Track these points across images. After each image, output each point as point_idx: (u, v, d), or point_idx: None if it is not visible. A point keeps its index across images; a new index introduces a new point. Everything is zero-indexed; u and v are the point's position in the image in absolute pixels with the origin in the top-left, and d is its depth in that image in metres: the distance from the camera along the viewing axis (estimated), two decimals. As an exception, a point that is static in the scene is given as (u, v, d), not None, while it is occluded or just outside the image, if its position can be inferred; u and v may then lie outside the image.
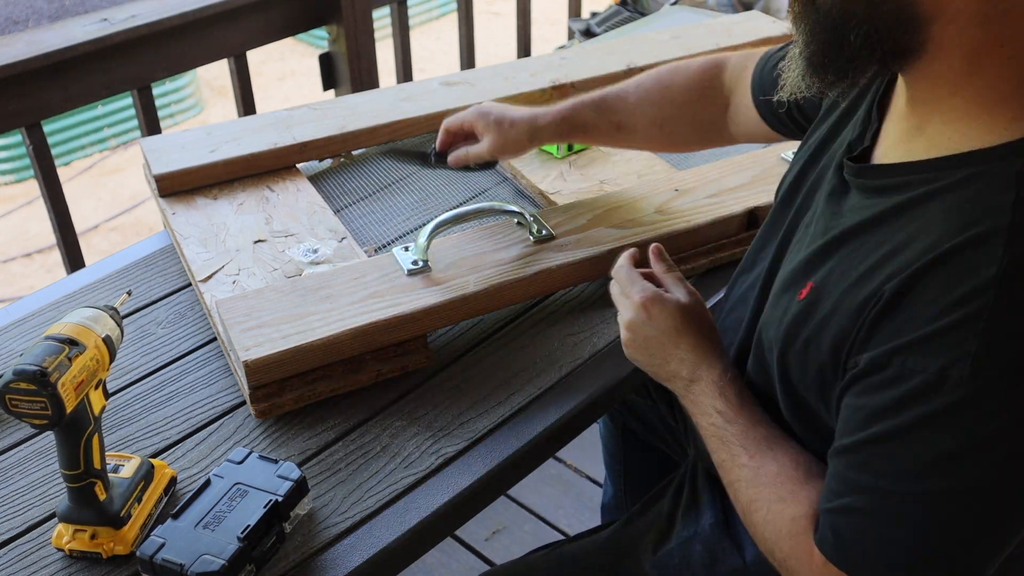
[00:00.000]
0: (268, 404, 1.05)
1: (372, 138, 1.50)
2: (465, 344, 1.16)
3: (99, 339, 0.88)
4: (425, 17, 6.04)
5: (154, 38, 1.97)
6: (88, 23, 1.90)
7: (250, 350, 1.02)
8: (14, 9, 3.87)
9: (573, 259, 1.18)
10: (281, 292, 1.12)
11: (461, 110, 1.52)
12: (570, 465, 2.17)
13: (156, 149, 1.42)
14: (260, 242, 1.27)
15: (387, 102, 1.55)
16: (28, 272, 3.85)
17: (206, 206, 1.35)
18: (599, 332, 1.18)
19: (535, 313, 1.21)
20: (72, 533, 0.91)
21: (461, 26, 2.73)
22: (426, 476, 0.99)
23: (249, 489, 0.92)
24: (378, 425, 1.05)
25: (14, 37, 1.83)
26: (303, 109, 1.53)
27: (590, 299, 1.23)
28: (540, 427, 1.05)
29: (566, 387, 1.10)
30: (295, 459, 1.01)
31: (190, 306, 1.24)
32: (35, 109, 1.86)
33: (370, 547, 0.93)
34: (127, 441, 1.04)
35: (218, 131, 1.46)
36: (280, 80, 5.41)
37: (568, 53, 1.75)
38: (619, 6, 2.73)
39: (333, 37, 2.36)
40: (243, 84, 2.22)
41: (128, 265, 1.32)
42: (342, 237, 1.27)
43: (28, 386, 0.81)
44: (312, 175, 1.48)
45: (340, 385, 1.08)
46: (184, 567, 0.85)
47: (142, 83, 2.02)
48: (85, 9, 3.54)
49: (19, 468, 1.02)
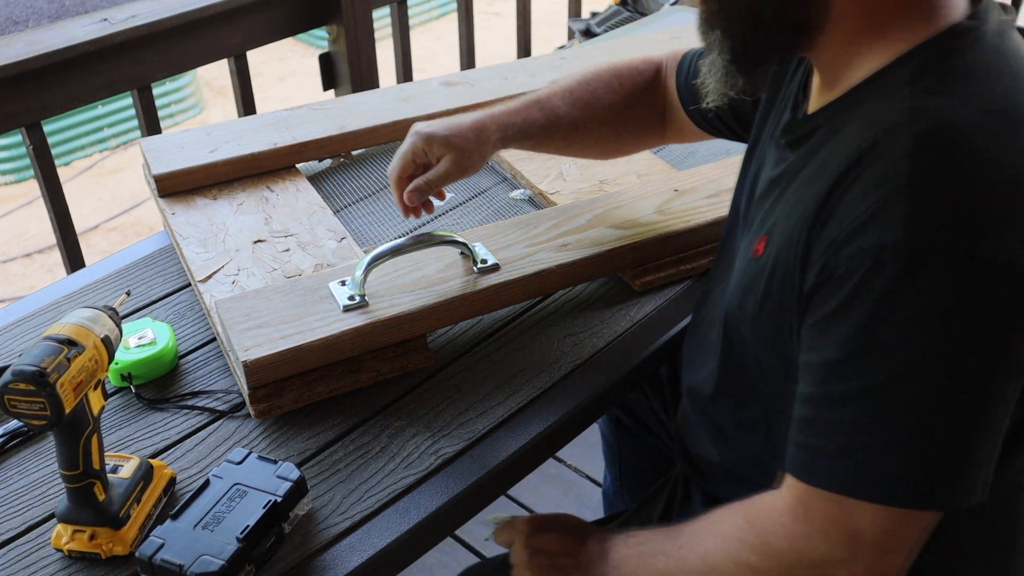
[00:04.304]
0: (267, 404, 1.04)
1: (372, 138, 1.50)
2: (465, 344, 1.16)
3: (98, 340, 0.88)
4: (425, 17, 6.04)
5: (154, 38, 1.97)
6: (88, 23, 1.90)
7: (249, 350, 1.02)
8: (14, 9, 3.87)
9: (573, 259, 1.18)
10: (280, 292, 1.11)
11: (460, 110, 1.52)
12: (570, 465, 2.16)
13: (156, 149, 1.42)
14: (260, 242, 1.27)
15: (387, 102, 1.55)
16: (28, 272, 3.85)
17: (206, 206, 1.35)
18: (599, 332, 1.18)
19: (535, 313, 1.21)
20: (71, 533, 0.91)
21: (461, 26, 2.73)
22: (426, 476, 0.99)
23: (248, 489, 0.92)
24: (378, 425, 1.05)
25: (14, 37, 1.83)
26: (303, 109, 1.53)
27: (590, 299, 1.23)
28: (540, 427, 1.05)
29: (566, 387, 1.10)
30: (294, 459, 1.01)
31: (190, 306, 1.24)
32: (35, 109, 1.85)
33: (370, 547, 0.92)
34: (126, 441, 1.04)
35: (218, 131, 1.46)
36: (280, 80, 5.41)
37: (568, 53, 1.75)
38: (619, 6, 2.73)
39: (333, 37, 2.36)
40: (243, 84, 2.22)
41: (128, 265, 1.32)
42: (342, 237, 1.27)
43: (27, 387, 0.81)
44: (312, 175, 1.48)
45: (340, 385, 1.08)
46: (183, 567, 0.84)
47: (142, 83, 2.02)
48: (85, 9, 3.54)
49: (18, 468, 1.02)
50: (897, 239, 0.71)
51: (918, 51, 0.78)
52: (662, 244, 1.23)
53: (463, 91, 1.58)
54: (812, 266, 0.78)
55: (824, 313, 0.77)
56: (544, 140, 1.20)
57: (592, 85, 1.20)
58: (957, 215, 0.71)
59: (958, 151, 0.72)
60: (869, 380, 0.74)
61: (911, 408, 0.73)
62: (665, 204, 1.28)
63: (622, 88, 1.21)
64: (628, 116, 1.23)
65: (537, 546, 1.01)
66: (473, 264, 1.16)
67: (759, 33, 0.82)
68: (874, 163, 0.74)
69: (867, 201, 0.73)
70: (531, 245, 1.20)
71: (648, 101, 1.23)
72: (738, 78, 0.86)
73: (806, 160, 0.85)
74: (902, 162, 0.72)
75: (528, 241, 1.21)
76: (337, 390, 1.08)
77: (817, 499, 0.78)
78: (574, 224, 1.24)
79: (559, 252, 1.19)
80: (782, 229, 0.84)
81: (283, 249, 1.26)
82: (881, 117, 0.76)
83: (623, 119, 1.22)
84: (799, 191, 0.83)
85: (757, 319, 0.89)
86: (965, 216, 0.71)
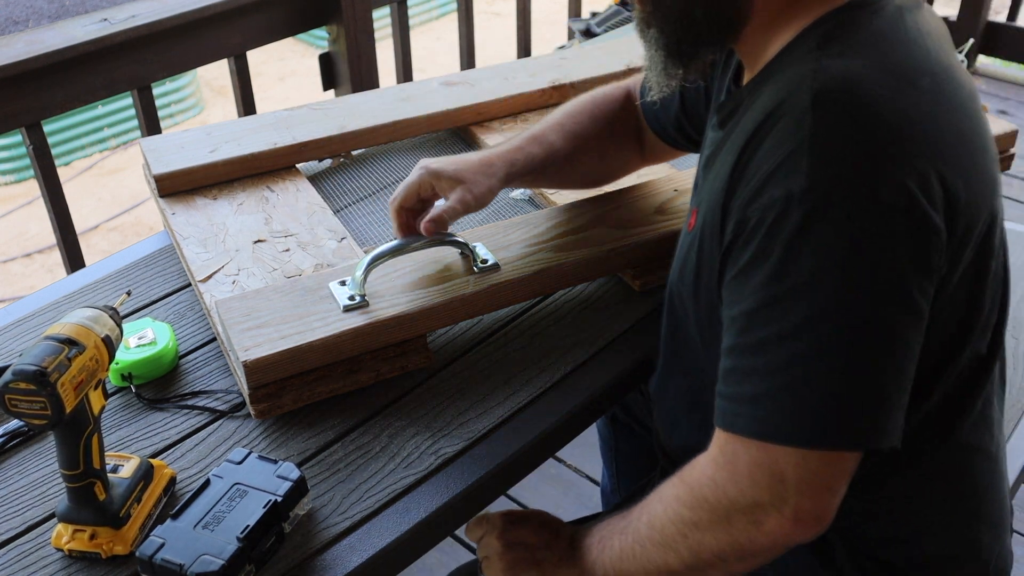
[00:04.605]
0: (268, 404, 1.05)
1: (372, 138, 1.50)
2: (465, 344, 1.16)
3: (99, 339, 0.88)
4: (425, 17, 6.04)
5: (154, 38, 1.97)
6: (88, 23, 1.90)
7: (249, 350, 1.02)
8: (14, 9, 3.87)
9: (573, 259, 1.18)
10: (281, 292, 1.11)
11: (460, 111, 1.52)
12: (570, 465, 2.17)
13: (156, 149, 1.42)
14: (260, 242, 1.27)
15: (387, 102, 1.55)
16: (28, 272, 3.85)
17: (206, 206, 1.35)
18: (599, 332, 1.18)
19: (535, 313, 1.21)
20: (71, 533, 0.91)
21: (461, 26, 2.73)
22: (426, 476, 0.99)
23: (248, 489, 0.92)
24: (378, 425, 1.05)
25: (14, 37, 1.83)
26: (303, 109, 1.53)
27: (590, 299, 1.23)
28: (540, 427, 1.05)
29: (566, 387, 1.10)
30: (294, 459, 1.01)
31: (190, 306, 1.24)
32: (35, 109, 1.86)
33: (370, 547, 0.93)
34: (127, 441, 1.04)
35: (218, 131, 1.46)
36: (280, 80, 5.41)
37: (568, 53, 1.75)
38: (619, 6, 2.73)
39: (333, 37, 2.37)
40: (243, 84, 2.22)
41: (128, 265, 1.32)
42: (342, 237, 1.27)
43: (28, 386, 0.81)
44: (312, 175, 1.48)
45: (339, 385, 1.08)
46: (183, 567, 0.85)
47: (142, 83, 2.02)
48: (85, 9, 3.54)
49: (19, 468, 1.02)
50: (802, 188, 0.76)
51: (823, 21, 0.84)
52: (662, 244, 1.23)
53: (463, 91, 1.58)
54: (728, 224, 0.83)
55: (740, 267, 0.81)
56: (542, 175, 1.22)
57: (578, 117, 1.24)
58: (856, 163, 0.76)
59: (856, 105, 0.77)
60: (782, 325, 0.78)
61: (822, 350, 0.77)
62: (665, 204, 1.28)
63: (603, 117, 1.25)
64: (610, 144, 1.26)
65: (514, 539, 1.03)
66: (473, 264, 1.16)
67: (692, 31, 0.89)
68: (780, 120, 0.79)
69: (774, 156, 0.78)
70: (531, 245, 1.20)
71: (624, 126, 1.27)
72: (675, 71, 0.94)
73: (729, 133, 0.90)
74: (804, 117, 0.77)
75: (528, 241, 1.21)
76: (337, 390, 1.08)
77: (740, 446, 0.82)
78: (574, 224, 1.25)
79: (559, 252, 1.19)
80: (707, 199, 0.89)
81: (283, 249, 1.26)
82: (789, 81, 0.81)
83: (606, 147, 1.26)
84: (721, 161, 0.89)
85: (696, 291, 0.93)
86: (864, 164, 0.76)
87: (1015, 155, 1.49)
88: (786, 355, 0.78)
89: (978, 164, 0.84)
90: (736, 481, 0.82)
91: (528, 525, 1.04)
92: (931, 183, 0.77)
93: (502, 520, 1.05)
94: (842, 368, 0.77)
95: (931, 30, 0.87)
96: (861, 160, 0.76)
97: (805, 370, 0.77)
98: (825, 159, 0.76)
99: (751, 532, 0.82)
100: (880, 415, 0.78)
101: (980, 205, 0.84)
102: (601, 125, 1.24)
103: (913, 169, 0.76)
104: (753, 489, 0.81)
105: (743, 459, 0.81)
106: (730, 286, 0.84)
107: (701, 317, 0.94)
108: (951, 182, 0.79)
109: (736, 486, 0.82)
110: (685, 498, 0.87)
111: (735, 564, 0.86)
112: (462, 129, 1.58)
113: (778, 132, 0.79)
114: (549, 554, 1.01)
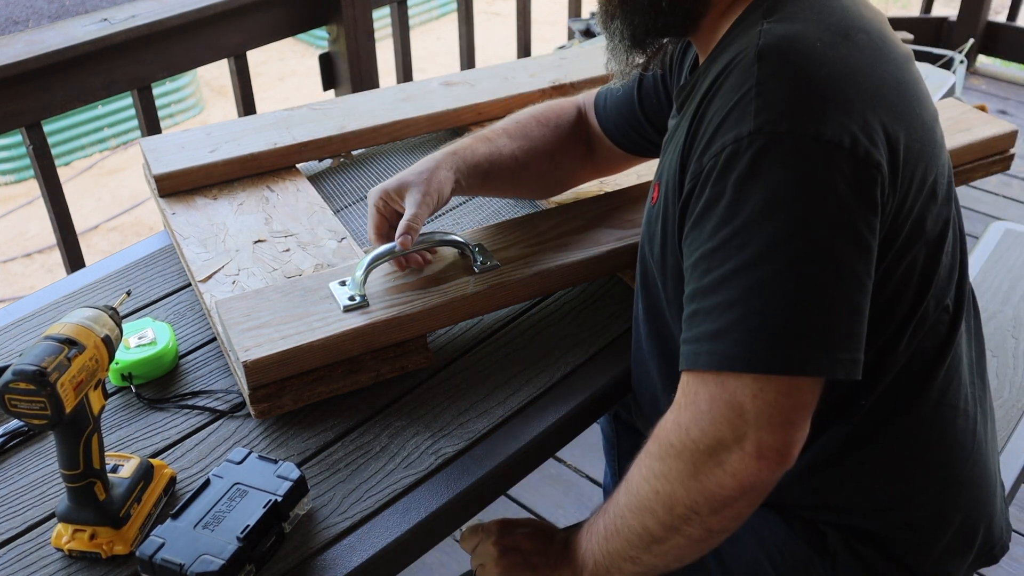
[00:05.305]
0: (268, 404, 1.05)
1: (372, 138, 1.50)
2: (465, 344, 1.16)
3: (98, 339, 0.88)
4: (425, 17, 6.04)
5: (154, 38, 1.97)
6: (88, 23, 1.90)
7: (250, 351, 1.02)
8: (14, 9, 3.87)
9: (573, 259, 1.18)
10: (281, 292, 1.11)
11: (460, 111, 1.52)
12: (570, 465, 2.17)
13: (156, 149, 1.42)
14: (260, 242, 1.27)
15: (387, 102, 1.55)
16: (28, 272, 3.85)
17: (206, 206, 1.35)
18: (599, 332, 1.18)
19: (535, 313, 1.21)
20: (71, 533, 0.91)
21: (461, 26, 2.74)
22: (426, 476, 0.99)
23: (249, 489, 0.92)
24: (378, 425, 1.05)
25: (14, 37, 1.83)
26: (303, 109, 1.53)
27: (590, 299, 1.23)
28: (540, 427, 1.05)
29: (566, 387, 1.10)
30: (295, 459, 1.01)
31: (190, 306, 1.24)
32: (35, 109, 1.86)
33: (370, 547, 0.93)
34: (127, 441, 1.04)
35: (218, 131, 1.46)
36: (280, 80, 5.41)
37: (568, 53, 1.75)
38: (619, 6, 2.73)
39: (333, 37, 2.37)
40: (243, 84, 2.22)
41: (128, 265, 1.32)
42: (342, 237, 1.27)
43: (27, 386, 0.81)
44: (312, 175, 1.48)
45: (340, 385, 1.08)
46: (183, 567, 0.85)
47: (142, 83, 2.02)
48: (85, 9, 3.53)
49: (18, 468, 1.02)
50: (749, 130, 0.80)
51: None
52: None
53: (463, 91, 1.58)
54: (687, 178, 0.88)
55: (696, 214, 0.85)
56: (489, 175, 1.23)
57: (525, 123, 1.28)
58: (801, 104, 0.80)
59: (798, 53, 0.83)
60: (737, 261, 0.81)
61: (774, 280, 0.80)
62: (665, 204, 1.28)
63: (550, 123, 1.29)
64: (560, 150, 1.29)
65: (509, 544, 1.04)
66: (473, 264, 1.16)
67: (658, 22, 0.95)
68: (728, 77, 0.85)
69: (724, 107, 0.83)
70: (531, 245, 1.21)
71: (574, 135, 1.30)
72: (637, 60, 1.01)
73: (687, 111, 0.94)
74: (750, 69, 0.83)
75: (528, 241, 1.21)
76: (337, 390, 1.08)
77: (700, 383, 0.84)
78: (574, 224, 1.25)
79: (559, 252, 1.19)
80: (667, 169, 0.94)
81: (283, 249, 1.26)
82: (736, 48, 0.87)
83: (555, 152, 1.28)
84: (678, 132, 0.93)
85: (663, 261, 0.95)
86: (808, 104, 0.80)
87: (1015, 155, 1.49)
88: (742, 288, 0.81)
89: (918, 114, 0.89)
90: (698, 420, 0.83)
91: (522, 532, 1.05)
92: (872, 125, 0.82)
93: (497, 527, 1.07)
94: (794, 296, 0.80)
95: (865, 1, 0.95)
96: (804, 102, 0.81)
97: (760, 300, 0.80)
98: (770, 102, 0.81)
99: (718, 475, 0.83)
100: (833, 343, 0.81)
101: (923, 153, 0.88)
102: (548, 131, 1.28)
103: (853, 110, 0.81)
104: (713, 426, 0.82)
105: (703, 396, 0.83)
106: (689, 236, 0.87)
107: (669, 292, 0.97)
108: (891, 127, 0.84)
109: (698, 425, 0.83)
110: (653, 450, 0.89)
111: (709, 518, 0.86)
112: (462, 129, 1.58)
113: (727, 87, 0.84)
114: (544, 559, 1.02)
